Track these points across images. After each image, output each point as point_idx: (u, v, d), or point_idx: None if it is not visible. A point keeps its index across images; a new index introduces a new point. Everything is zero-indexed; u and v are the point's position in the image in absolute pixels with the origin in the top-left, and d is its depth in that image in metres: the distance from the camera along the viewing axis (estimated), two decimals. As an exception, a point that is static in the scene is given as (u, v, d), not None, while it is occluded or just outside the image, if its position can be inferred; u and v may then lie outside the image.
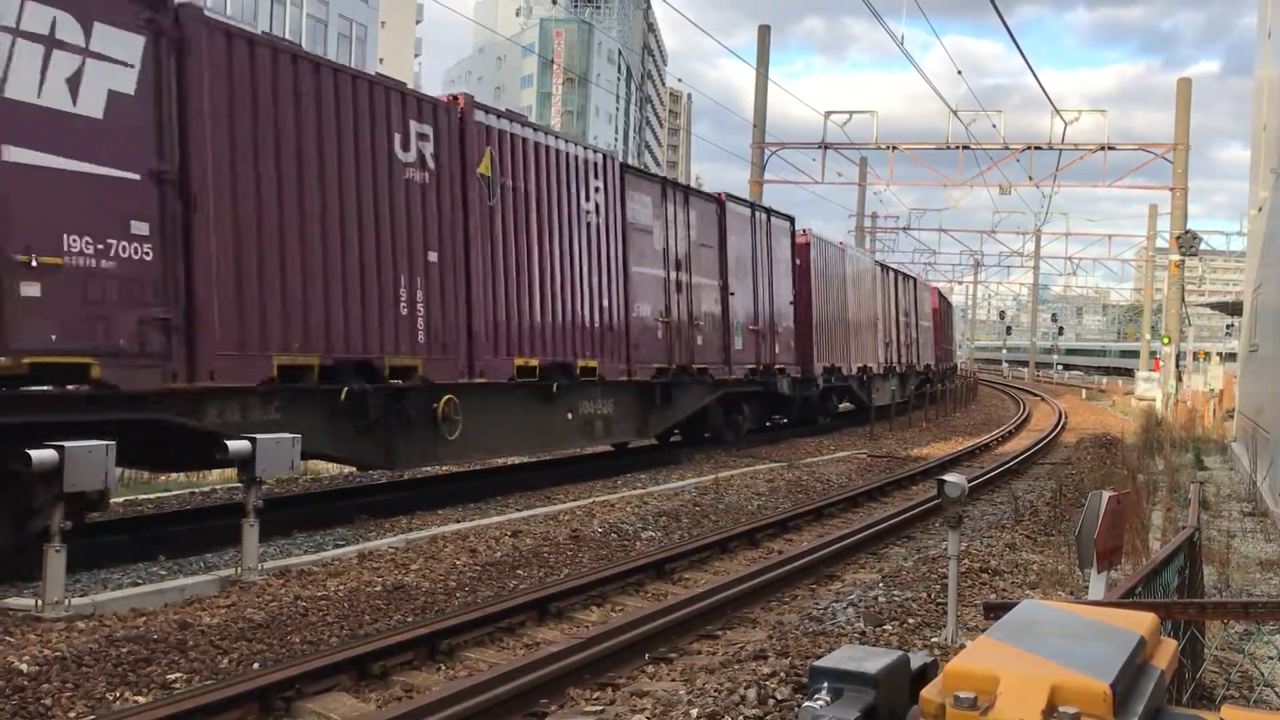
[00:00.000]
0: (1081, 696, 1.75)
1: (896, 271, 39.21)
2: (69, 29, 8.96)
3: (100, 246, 9.13)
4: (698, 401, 20.36)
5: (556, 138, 16.21)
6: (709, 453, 20.53)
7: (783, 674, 6.46)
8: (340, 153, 11.80)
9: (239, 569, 9.12)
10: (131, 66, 9.50)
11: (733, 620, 8.54)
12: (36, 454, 7.72)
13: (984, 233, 68.92)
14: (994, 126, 35.68)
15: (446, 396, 13.21)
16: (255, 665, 6.93)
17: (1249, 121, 26.23)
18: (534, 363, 14.92)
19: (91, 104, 9.14)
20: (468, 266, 13.73)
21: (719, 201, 21.56)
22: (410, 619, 8.17)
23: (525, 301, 14.88)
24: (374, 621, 8.11)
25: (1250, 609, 4.57)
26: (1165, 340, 39.54)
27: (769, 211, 24.29)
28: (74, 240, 8.93)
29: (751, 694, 6.11)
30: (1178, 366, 39.57)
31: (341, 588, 8.89)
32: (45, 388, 9.05)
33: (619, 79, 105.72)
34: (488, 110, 14.49)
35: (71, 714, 5.97)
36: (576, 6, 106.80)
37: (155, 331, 9.61)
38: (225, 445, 9.26)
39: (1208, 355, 55.46)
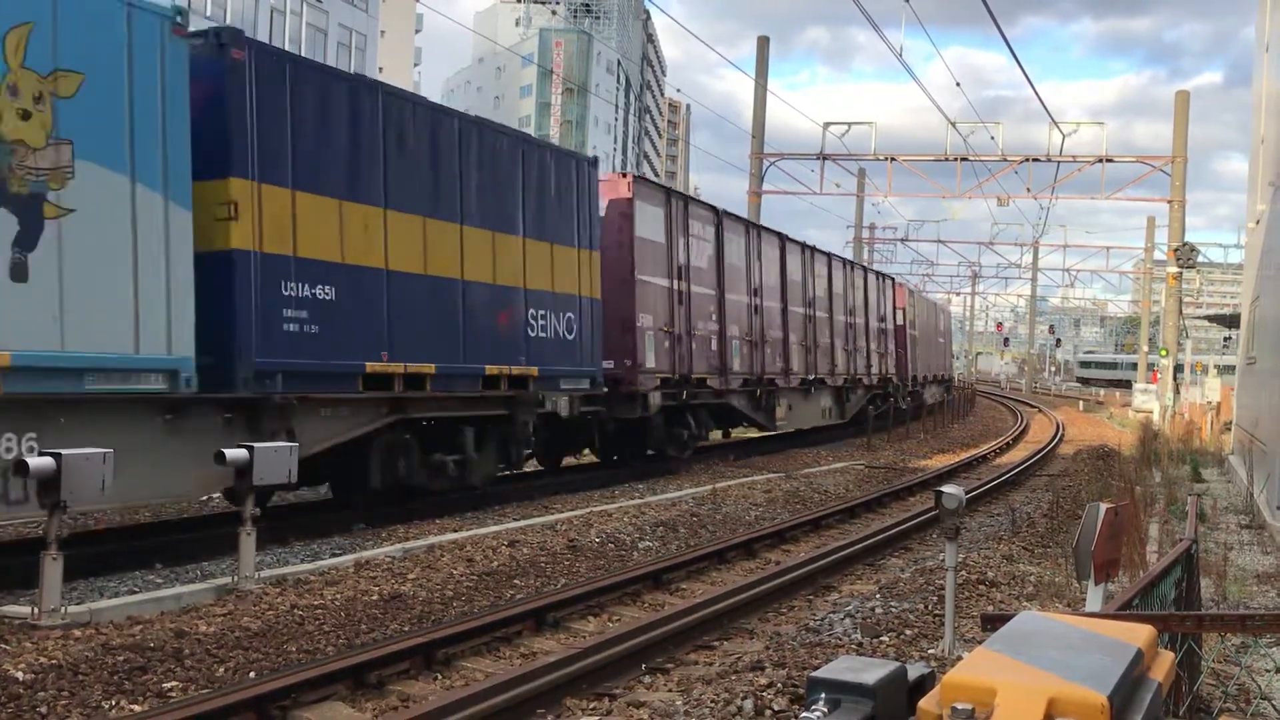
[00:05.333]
0: (1079, 708, 1.75)
1: (939, 306, 52.73)
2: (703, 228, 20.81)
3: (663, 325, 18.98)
4: (862, 399, 31.83)
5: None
6: (707, 463, 20.63)
7: (780, 685, 6.45)
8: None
9: (235, 578, 9.11)
10: (708, 241, 21.06)
11: (730, 631, 8.52)
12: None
13: (982, 244, 69.13)
14: (992, 138, 35.79)
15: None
16: (251, 674, 6.91)
17: (1251, 133, 26.30)
18: (808, 377, 26.95)
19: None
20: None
21: (879, 274, 35.81)
22: (407, 628, 8.16)
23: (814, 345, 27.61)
24: (370, 631, 8.10)
25: (1247, 622, 4.58)
26: (1163, 353, 39.58)
27: (871, 271, 36.22)
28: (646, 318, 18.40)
29: (749, 705, 6.11)
30: (1175, 379, 39.60)
31: (338, 597, 8.87)
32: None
33: (618, 89, 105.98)
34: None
35: (67, 722, 5.96)
36: (576, 17, 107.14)
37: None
38: (223, 454, 9.27)
39: (1205, 368, 55.49)
